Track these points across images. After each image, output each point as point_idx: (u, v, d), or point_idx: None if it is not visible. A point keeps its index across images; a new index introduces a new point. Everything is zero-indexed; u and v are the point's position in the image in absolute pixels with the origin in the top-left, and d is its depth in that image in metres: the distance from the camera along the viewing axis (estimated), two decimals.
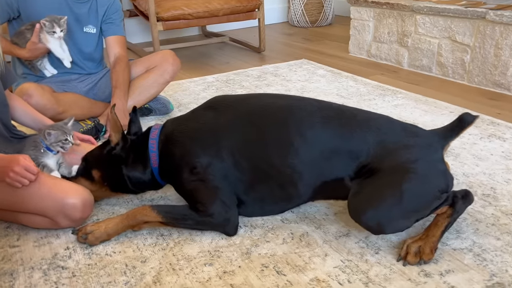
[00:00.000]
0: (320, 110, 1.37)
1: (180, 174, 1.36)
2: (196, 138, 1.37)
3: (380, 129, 1.32)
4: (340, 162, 1.30)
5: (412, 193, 1.21)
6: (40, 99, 1.87)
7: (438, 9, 2.67)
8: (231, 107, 1.41)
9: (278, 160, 1.31)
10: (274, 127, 1.34)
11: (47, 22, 1.94)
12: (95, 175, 1.46)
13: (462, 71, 2.65)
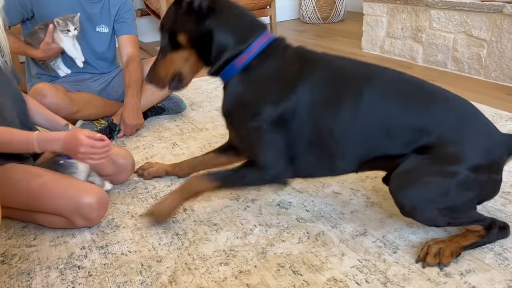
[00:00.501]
0: (399, 83, 1.28)
1: (243, 113, 1.31)
2: (277, 80, 1.29)
3: (458, 115, 1.22)
4: (405, 140, 1.21)
5: (460, 192, 1.17)
6: (54, 99, 1.88)
7: (454, 3, 2.62)
8: (316, 62, 1.31)
9: (340, 126, 1.25)
10: (347, 95, 1.25)
11: (61, 20, 1.95)
12: (182, 41, 1.31)
13: (479, 66, 2.60)
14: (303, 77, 1.27)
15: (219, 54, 1.30)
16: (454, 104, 1.25)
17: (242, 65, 1.30)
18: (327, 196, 1.53)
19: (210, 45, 1.30)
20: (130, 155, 1.65)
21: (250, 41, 1.30)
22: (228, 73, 1.33)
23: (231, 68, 1.31)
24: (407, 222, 1.37)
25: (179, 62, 1.34)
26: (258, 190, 1.58)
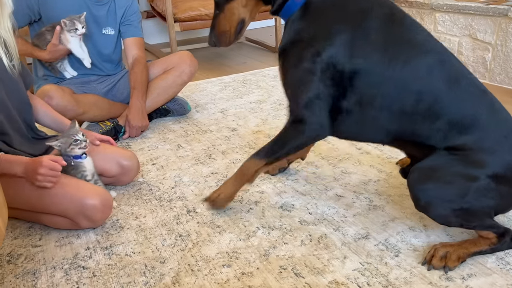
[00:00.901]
0: (455, 70, 1.23)
1: (298, 51, 1.27)
2: (340, 22, 1.23)
3: (497, 123, 1.20)
4: (443, 128, 1.20)
5: (478, 197, 1.16)
6: (60, 101, 1.90)
7: (458, 7, 2.62)
8: (375, 10, 1.24)
9: (392, 91, 1.21)
10: (404, 57, 1.21)
11: (68, 21, 1.97)
12: None
13: (484, 70, 2.60)
14: (369, 16, 1.22)
15: None
16: (499, 109, 1.23)
17: (302, 0, 1.27)
18: (330, 199, 1.54)
19: None
20: (134, 157, 1.66)
21: None
22: (288, 10, 1.30)
23: (291, 4, 1.28)
24: (409, 225, 1.37)
25: (239, 9, 1.33)
26: (261, 192, 1.59)
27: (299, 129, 1.30)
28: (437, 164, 1.20)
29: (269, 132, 2.11)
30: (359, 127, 1.30)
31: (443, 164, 1.19)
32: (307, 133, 1.29)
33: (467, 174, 1.16)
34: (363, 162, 1.78)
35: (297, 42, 1.28)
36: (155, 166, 1.83)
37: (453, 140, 1.20)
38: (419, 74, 1.20)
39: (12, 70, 1.41)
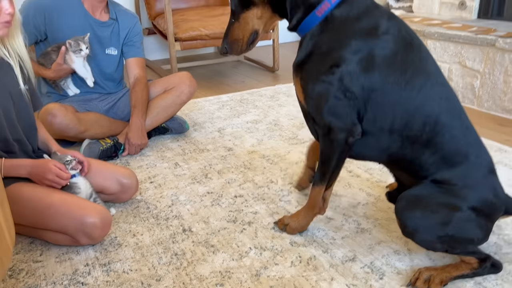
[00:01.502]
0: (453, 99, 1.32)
1: (318, 61, 1.31)
2: (359, 35, 1.27)
3: (479, 151, 1.30)
4: (435, 164, 1.28)
5: (460, 226, 1.23)
6: (63, 119, 1.97)
7: (449, 35, 2.73)
8: (396, 30, 1.29)
9: (405, 113, 1.27)
10: (425, 90, 1.27)
11: (73, 41, 2.05)
12: None
13: (472, 96, 2.69)
14: (390, 37, 1.27)
15: (297, 4, 1.32)
16: (483, 147, 1.32)
17: (323, 14, 1.29)
18: (320, 221, 1.60)
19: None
20: (134, 175, 1.73)
21: None
22: (308, 25, 1.32)
23: (312, 19, 1.30)
24: (394, 249, 1.44)
25: (254, 20, 1.37)
26: (255, 213, 1.66)
27: (331, 138, 1.32)
28: (424, 194, 1.28)
29: (264, 152, 2.18)
30: (365, 144, 1.35)
31: (429, 194, 1.27)
32: (338, 139, 1.31)
33: (451, 205, 1.24)
34: (353, 185, 1.85)
35: (315, 55, 1.31)
36: (152, 184, 1.90)
37: (441, 173, 1.28)
38: (431, 102, 1.27)
39: (25, 94, 1.48)
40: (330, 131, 1.32)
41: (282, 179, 1.91)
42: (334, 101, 1.28)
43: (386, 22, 1.29)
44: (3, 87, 1.43)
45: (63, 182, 1.49)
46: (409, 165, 1.33)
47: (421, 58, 1.29)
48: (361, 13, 1.29)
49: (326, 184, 1.43)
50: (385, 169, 1.93)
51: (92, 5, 2.18)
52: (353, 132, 1.31)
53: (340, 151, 1.34)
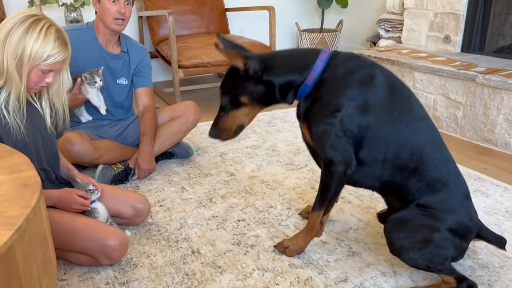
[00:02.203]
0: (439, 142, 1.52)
1: (319, 109, 1.49)
2: (358, 81, 1.47)
3: (457, 179, 1.50)
4: (420, 190, 1.48)
5: (438, 244, 1.42)
6: (81, 147, 2.14)
7: (434, 69, 2.95)
8: (385, 71, 1.52)
9: (395, 145, 1.46)
10: (411, 124, 1.47)
11: (88, 75, 2.23)
12: (244, 100, 1.54)
13: (455, 126, 2.91)
14: (377, 82, 1.47)
15: (287, 91, 1.53)
16: (460, 175, 1.52)
17: (313, 81, 1.50)
18: (316, 245, 1.78)
19: (273, 92, 1.53)
20: (146, 201, 1.90)
21: (312, 62, 1.50)
22: (302, 93, 1.53)
23: (304, 88, 1.51)
24: (381, 271, 1.62)
25: (242, 117, 1.57)
26: (256, 236, 1.84)
27: (331, 170, 1.50)
28: (409, 216, 1.48)
29: (263, 178, 2.37)
30: (362, 173, 1.53)
31: (414, 216, 1.48)
32: (338, 171, 1.49)
33: (432, 226, 1.44)
34: (345, 211, 2.04)
35: (317, 105, 1.50)
36: (162, 208, 2.07)
37: (425, 198, 1.48)
38: (417, 135, 1.48)
39: (51, 130, 1.65)
40: (332, 164, 1.50)
41: (280, 204, 2.09)
42: (335, 139, 1.48)
43: (373, 71, 1.51)
44: (34, 124, 1.60)
45: (85, 209, 1.66)
46: (398, 190, 1.53)
47: (404, 97, 1.51)
48: (349, 68, 1.50)
49: (324, 210, 1.62)
50: (375, 196, 2.13)
51: (106, 39, 2.37)
52: (350, 164, 1.50)
53: (339, 181, 1.52)
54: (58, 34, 1.46)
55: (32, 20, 1.42)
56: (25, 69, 1.42)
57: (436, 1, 3.46)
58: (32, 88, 1.50)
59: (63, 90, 1.62)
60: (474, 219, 1.51)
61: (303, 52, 1.62)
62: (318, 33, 4.63)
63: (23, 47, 1.40)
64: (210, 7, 4.15)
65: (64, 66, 1.56)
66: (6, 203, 0.99)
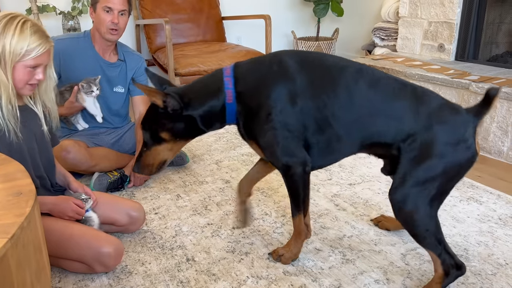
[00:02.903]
0: (380, 78, 1.48)
1: (257, 120, 1.49)
2: (274, 81, 1.46)
3: (430, 104, 1.44)
4: (392, 128, 1.44)
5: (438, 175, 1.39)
6: (77, 155, 2.15)
7: (428, 77, 2.98)
8: (306, 60, 1.50)
9: (339, 113, 1.46)
10: (340, 84, 1.46)
11: (85, 84, 2.25)
12: (165, 136, 1.54)
13: None
14: (286, 70, 1.46)
15: (211, 119, 1.53)
16: (425, 94, 1.47)
17: (233, 98, 1.49)
18: (310, 252, 1.79)
19: (196, 125, 1.53)
20: (142, 208, 1.90)
21: (221, 82, 1.50)
22: (231, 114, 1.52)
23: (230, 109, 1.51)
24: (374, 278, 1.63)
25: (164, 152, 1.58)
26: (251, 243, 1.85)
27: (291, 174, 1.51)
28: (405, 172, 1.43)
29: (258, 185, 2.38)
30: (330, 151, 1.53)
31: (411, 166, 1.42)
32: (297, 173, 1.51)
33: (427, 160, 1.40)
34: (339, 218, 2.05)
35: (251, 117, 1.50)
36: (157, 216, 2.08)
37: (400, 133, 1.43)
38: (351, 91, 1.45)
39: (47, 136, 1.67)
40: (289, 168, 1.51)
41: (275, 212, 2.10)
42: (283, 141, 1.47)
43: (279, 60, 1.49)
44: (29, 129, 1.61)
45: (79, 217, 1.66)
46: (375, 139, 1.48)
47: (321, 64, 1.49)
48: (256, 70, 1.50)
49: (303, 212, 1.62)
50: (369, 203, 2.15)
51: (102, 47, 2.39)
52: (306, 162, 1.51)
53: (303, 182, 1.54)
54: (35, 28, 1.48)
55: (8, 19, 1.44)
56: (8, 68, 1.44)
57: (430, 10, 3.50)
58: (22, 87, 1.50)
59: (50, 88, 1.63)
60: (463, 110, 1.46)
61: (209, 77, 1.58)
62: (314, 41, 4.67)
63: (2, 46, 1.42)
64: (206, 16, 4.19)
65: (49, 61, 1.57)
66: (1, 211, 1.00)
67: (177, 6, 4.08)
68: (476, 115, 1.43)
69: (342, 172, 2.55)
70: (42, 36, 1.49)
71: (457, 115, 1.44)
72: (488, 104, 1.41)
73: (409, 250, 1.79)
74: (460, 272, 1.47)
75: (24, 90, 1.52)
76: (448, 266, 1.46)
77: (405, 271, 1.67)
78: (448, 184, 1.44)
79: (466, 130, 1.41)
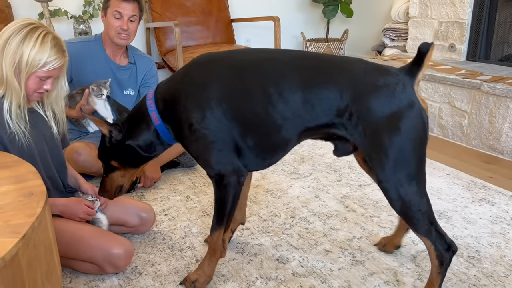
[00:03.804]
0: (296, 60, 1.40)
1: (182, 134, 1.47)
2: (187, 93, 1.43)
3: (352, 71, 1.34)
4: (319, 108, 1.34)
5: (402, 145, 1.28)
6: (87, 157, 2.18)
7: (439, 78, 2.96)
8: (217, 61, 1.47)
9: (260, 109, 1.38)
10: (254, 78, 1.39)
11: (95, 87, 2.27)
12: (115, 164, 1.61)
13: (461, 134, 2.90)
14: (206, 75, 1.43)
15: (149, 146, 1.55)
16: (349, 65, 1.37)
17: (159, 120, 1.49)
18: (319, 253, 1.79)
19: (138, 153, 1.56)
20: (152, 210, 1.92)
21: (145, 107, 1.51)
22: (165, 134, 1.51)
23: (161, 130, 1.50)
24: (384, 280, 1.62)
25: (118, 178, 1.65)
26: (260, 245, 1.85)
27: (224, 184, 1.45)
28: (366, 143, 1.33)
29: (267, 186, 2.38)
30: (267, 149, 1.44)
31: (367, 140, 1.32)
32: (231, 182, 1.44)
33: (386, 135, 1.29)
34: (349, 220, 2.04)
35: (179, 131, 1.48)
36: (167, 217, 2.09)
37: (330, 111, 1.33)
38: (270, 85, 1.37)
39: (57, 138, 1.69)
40: (223, 178, 1.44)
41: (284, 213, 2.10)
42: (212, 149, 1.42)
43: (192, 71, 1.47)
44: (39, 131, 1.63)
45: (90, 218, 1.68)
46: (311, 124, 1.38)
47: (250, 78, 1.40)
48: (170, 87, 1.50)
49: (225, 227, 1.52)
50: (379, 205, 2.13)
51: (113, 51, 2.42)
52: (240, 171, 1.45)
53: (234, 192, 1.47)
54: (55, 41, 1.50)
55: (30, 28, 1.46)
56: (23, 76, 1.46)
57: (441, 10, 3.48)
58: (31, 95, 1.53)
59: (61, 97, 1.66)
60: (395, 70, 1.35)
61: (138, 103, 1.60)
62: (323, 43, 4.66)
63: (21, 55, 1.44)
64: (216, 18, 4.20)
65: (62, 73, 1.59)
66: (12, 212, 1.02)
67: (187, 9, 4.11)
68: (408, 74, 1.30)
69: (351, 173, 2.53)
70: (60, 50, 1.51)
71: (387, 77, 1.30)
72: (421, 61, 1.30)
73: (419, 252, 1.77)
74: (452, 252, 1.40)
75: (32, 97, 1.56)
76: (441, 252, 1.38)
77: (416, 272, 1.66)
78: (417, 152, 1.31)
79: (403, 92, 1.28)
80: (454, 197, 2.22)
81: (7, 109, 1.49)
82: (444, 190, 2.29)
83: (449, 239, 1.41)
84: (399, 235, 1.78)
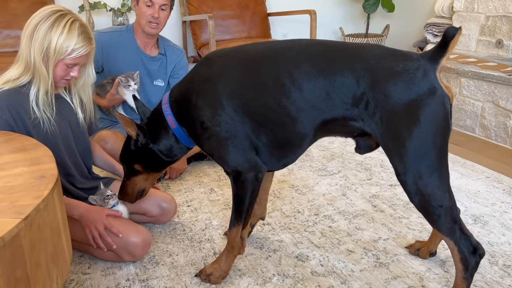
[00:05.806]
0: (309, 47, 1.34)
1: (195, 133, 1.44)
2: (197, 91, 1.41)
3: (369, 56, 1.26)
4: (335, 97, 1.27)
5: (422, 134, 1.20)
6: (114, 145, 2.20)
7: (482, 75, 2.78)
8: (226, 56, 1.43)
9: (273, 102, 1.32)
10: (266, 70, 1.33)
11: (123, 78, 2.28)
12: (138, 168, 1.60)
13: (505, 135, 2.72)
14: (214, 74, 1.39)
15: (169, 150, 1.53)
16: (364, 51, 1.28)
17: (175, 123, 1.47)
18: (341, 253, 1.71)
19: (160, 158, 1.55)
20: (173, 200, 1.91)
21: (161, 111, 1.50)
22: (183, 137, 1.49)
23: (179, 134, 1.49)
24: (409, 284, 1.53)
25: (141, 182, 1.64)
26: (280, 241, 1.79)
27: (241, 180, 1.41)
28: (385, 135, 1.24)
29: (293, 182, 2.32)
30: (281, 146, 1.39)
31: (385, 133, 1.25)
32: (249, 178, 1.40)
33: None
34: (376, 220, 1.94)
35: (193, 132, 1.45)
36: (189, 208, 2.07)
37: (346, 101, 1.26)
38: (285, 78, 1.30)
39: (83, 125, 1.70)
40: (240, 174, 1.40)
41: (308, 210, 2.04)
42: (226, 146, 1.38)
43: (202, 68, 1.44)
44: (64, 117, 1.65)
45: (104, 234, 1.59)
46: (327, 116, 1.31)
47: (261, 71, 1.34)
48: (182, 89, 1.47)
49: (243, 224, 1.49)
50: (410, 205, 2.02)
51: (144, 41, 2.43)
52: (258, 167, 1.40)
53: (252, 189, 1.42)
54: (82, 29, 1.50)
55: (58, 15, 1.47)
56: (51, 63, 1.48)
57: (488, 4, 3.27)
58: (58, 82, 1.55)
59: (88, 85, 1.67)
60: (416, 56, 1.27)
61: (155, 109, 1.57)
62: (363, 38, 4.52)
63: (49, 41, 1.45)
64: (252, 12, 4.16)
65: (89, 60, 1.60)
66: (21, 193, 1.02)
67: (223, 3, 4.09)
68: (431, 59, 1.21)
69: (383, 172, 2.43)
70: (86, 38, 1.52)
71: (407, 62, 1.22)
72: (446, 46, 1.20)
73: (449, 257, 1.66)
74: (479, 256, 1.28)
75: (59, 84, 1.57)
76: (465, 255, 1.27)
77: (444, 278, 1.55)
78: (438, 143, 1.21)
79: (424, 78, 1.19)
80: (492, 201, 2.07)
81: (34, 95, 1.51)
82: (482, 193, 2.14)
83: (475, 241, 1.29)
84: (435, 240, 1.67)
